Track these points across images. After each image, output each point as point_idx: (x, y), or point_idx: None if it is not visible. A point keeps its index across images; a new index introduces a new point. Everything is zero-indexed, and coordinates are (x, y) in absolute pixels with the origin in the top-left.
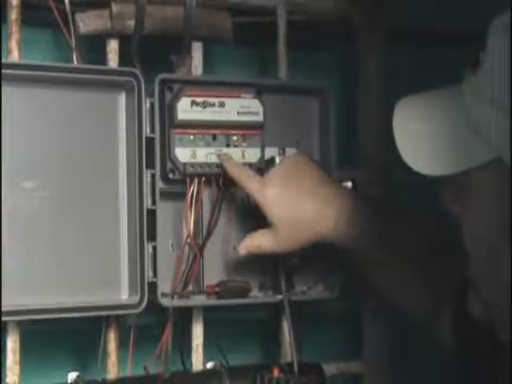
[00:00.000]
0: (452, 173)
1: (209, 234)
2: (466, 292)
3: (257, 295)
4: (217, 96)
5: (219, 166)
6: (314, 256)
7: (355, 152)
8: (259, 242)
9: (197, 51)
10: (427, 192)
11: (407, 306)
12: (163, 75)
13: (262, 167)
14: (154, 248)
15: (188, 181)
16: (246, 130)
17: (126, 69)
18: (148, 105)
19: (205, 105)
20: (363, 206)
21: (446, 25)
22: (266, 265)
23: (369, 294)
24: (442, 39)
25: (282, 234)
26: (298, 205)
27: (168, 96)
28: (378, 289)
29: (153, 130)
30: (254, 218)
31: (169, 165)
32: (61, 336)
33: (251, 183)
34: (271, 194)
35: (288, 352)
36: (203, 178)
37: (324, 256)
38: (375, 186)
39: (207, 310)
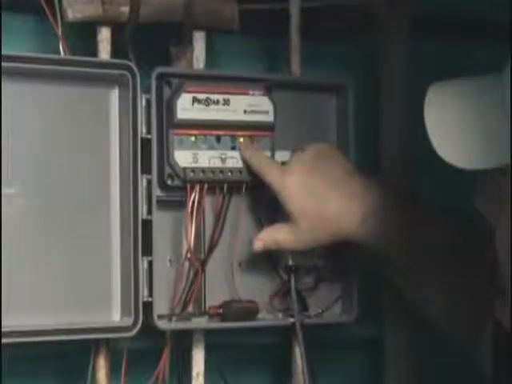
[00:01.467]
0: (487, 167)
1: (212, 247)
2: (495, 301)
3: (265, 317)
4: (221, 92)
5: (223, 171)
6: (331, 273)
7: (376, 155)
8: (277, 235)
9: (199, 42)
10: (452, 195)
11: (444, 319)
12: (161, 69)
13: None
14: (150, 263)
15: (188, 188)
16: (253, 131)
17: (119, 61)
18: (144, 102)
19: (208, 102)
20: (393, 203)
21: (472, 15)
22: (276, 284)
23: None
24: (469, 30)
25: (303, 228)
26: (322, 196)
27: (166, 92)
28: (410, 300)
29: (149, 131)
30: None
31: (167, 170)
32: (44, 361)
33: (271, 170)
34: (292, 182)
35: (300, 382)
36: (206, 185)
37: (342, 272)
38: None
39: (209, 334)
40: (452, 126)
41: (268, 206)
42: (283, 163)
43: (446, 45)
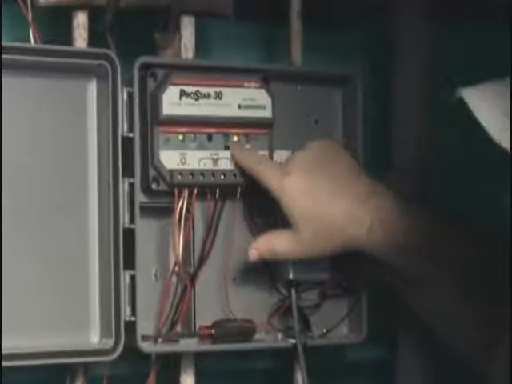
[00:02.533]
0: None
1: (202, 260)
2: None
3: (263, 338)
4: (213, 85)
5: (215, 173)
6: (337, 289)
7: (388, 156)
8: (275, 244)
9: (187, 28)
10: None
11: (455, 337)
12: (144, 58)
13: None
14: (133, 278)
15: (176, 193)
16: (249, 128)
17: (97, 50)
18: (125, 96)
19: (197, 96)
20: (406, 209)
21: None
22: (275, 300)
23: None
24: (494, 13)
25: (305, 235)
26: (326, 200)
27: (151, 85)
28: (420, 315)
29: (131, 128)
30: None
31: (151, 172)
32: None
33: (268, 172)
34: (293, 184)
35: None
36: (195, 190)
37: (349, 287)
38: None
39: (200, 357)
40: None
41: (266, 212)
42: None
43: (467, 30)
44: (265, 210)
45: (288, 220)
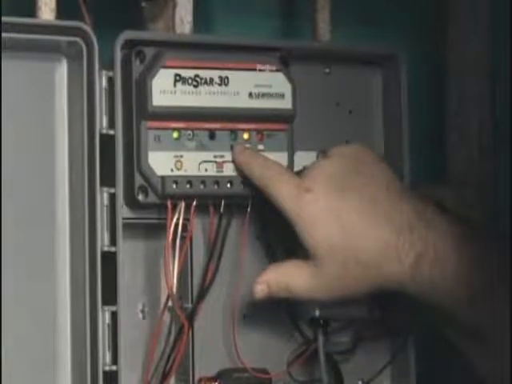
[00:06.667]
0: None
1: (203, 292)
2: None
3: None
4: (216, 68)
5: (220, 181)
6: (376, 329)
7: (441, 156)
8: (289, 278)
9: None
10: None
11: None
12: (129, 33)
13: None
14: (114, 316)
15: (169, 206)
16: (263, 123)
17: (68, 23)
18: (105, 82)
19: (197, 82)
20: (465, 240)
21: None
22: (296, 344)
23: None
24: None
25: (330, 272)
26: (359, 227)
27: (137, 67)
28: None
29: (112, 124)
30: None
31: (138, 180)
32: None
33: (282, 186)
34: (314, 205)
35: None
36: (194, 202)
37: (393, 327)
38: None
39: None
40: None
41: (285, 231)
42: (298, 173)
43: None
44: (285, 228)
45: (307, 251)
